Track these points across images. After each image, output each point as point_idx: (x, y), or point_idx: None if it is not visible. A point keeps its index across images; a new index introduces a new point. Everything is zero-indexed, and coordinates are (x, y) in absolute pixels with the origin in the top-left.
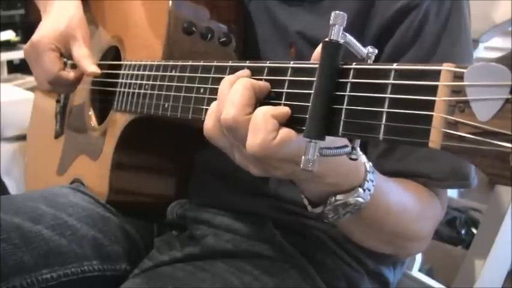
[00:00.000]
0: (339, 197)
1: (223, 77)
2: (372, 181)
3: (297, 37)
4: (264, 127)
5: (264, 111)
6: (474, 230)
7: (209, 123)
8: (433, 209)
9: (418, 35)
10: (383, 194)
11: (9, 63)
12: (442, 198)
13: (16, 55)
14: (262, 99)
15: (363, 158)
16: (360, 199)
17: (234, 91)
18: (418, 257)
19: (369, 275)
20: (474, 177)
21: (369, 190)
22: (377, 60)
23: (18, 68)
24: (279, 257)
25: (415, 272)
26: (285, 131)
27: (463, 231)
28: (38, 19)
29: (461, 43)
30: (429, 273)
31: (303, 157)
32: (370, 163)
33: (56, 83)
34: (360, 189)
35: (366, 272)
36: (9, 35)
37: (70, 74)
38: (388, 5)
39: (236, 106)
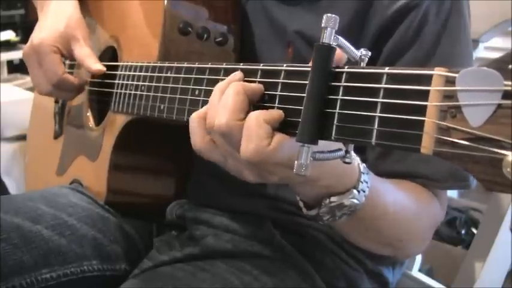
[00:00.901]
0: (333, 198)
1: (218, 78)
2: (367, 182)
3: (295, 37)
4: (256, 133)
5: (256, 116)
6: (474, 230)
7: (197, 139)
8: (432, 209)
9: (418, 36)
10: (379, 195)
11: (9, 63)
12: (441, 199)
13: (16, 55)
14: (256, 102)
15: (356, 159)
16: (355, 201)
17: (226, 96)
18: (418, 257)
19: (368, 275)
20: (473, 178)
21: (364, 191)
22: (376, 60)
23: (18, 68)
24: (279, 257)
25: (415, 272)
26: (279, 136)
27: (463, 231)
28: (37, 19)
29: (461, 43)
30: (429, 273)
31: (295, 162)
32: (364, 164)
33: (59, 86)
34: (355, 191)
35: (365, 271)
36: (9, 35)
37: (76, 79)
38: (387, 5)
39: (228, 111)
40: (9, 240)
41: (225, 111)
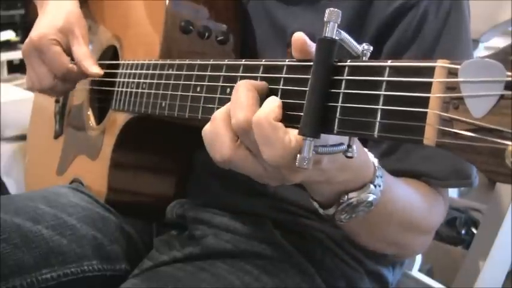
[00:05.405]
0: (351, 195)
1: (219, 75)
2: (381, 177)
3: None
4: (275, 137)
5: (265, 117)
6: (474, 230)
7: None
8: (437, 206)
9: (417, 34)
10: (391, 190)
11: (9, 63)
12: (444, 197)
13: (16, 55)
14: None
15: (369, 154)
16: (372, 195)
17: (238, 95)
18: (418, 257)
19: (368, 275)
20: (476, 176)
21: (380, 186)
22: (375, 59)
23: (18, 68)
24: (279, 257)
25: (415, 272)
26: (294, 130)
27: (463, 231)
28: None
29: (461, 41)
30: (429, 273)
31: (298, 155)
32: (377, 159)
33: (65, 78)
34: (372, 186)
35: (365, 271)
36: (9, 35)
37: (75, 67)
38: (386, 4)
39: (245, 107)
40: (9, 240)
41: (242, 108)
